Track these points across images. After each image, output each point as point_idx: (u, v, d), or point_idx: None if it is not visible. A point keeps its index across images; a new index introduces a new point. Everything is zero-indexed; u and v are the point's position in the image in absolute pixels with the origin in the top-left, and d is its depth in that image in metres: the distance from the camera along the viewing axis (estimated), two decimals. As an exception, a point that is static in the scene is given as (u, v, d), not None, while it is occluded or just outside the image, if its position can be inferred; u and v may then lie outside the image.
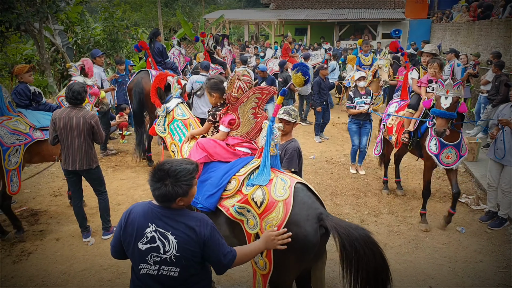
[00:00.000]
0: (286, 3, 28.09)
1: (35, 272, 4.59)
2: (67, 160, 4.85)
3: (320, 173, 7.70)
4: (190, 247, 2.32)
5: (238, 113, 3.70)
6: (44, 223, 5.71)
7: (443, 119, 4.98)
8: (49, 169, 7.66)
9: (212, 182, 3.45)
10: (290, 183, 3.12)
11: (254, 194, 3.14)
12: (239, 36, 31.98)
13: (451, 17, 17.07)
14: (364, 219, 5.92)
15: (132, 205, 2.51)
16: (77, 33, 12.37)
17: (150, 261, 2.32)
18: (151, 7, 30.91)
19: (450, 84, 4.91)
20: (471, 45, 13.26)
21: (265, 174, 3.25)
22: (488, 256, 5.01)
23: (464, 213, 6.13)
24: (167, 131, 4.45)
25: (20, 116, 5.32)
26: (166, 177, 2.28)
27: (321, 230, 2.98)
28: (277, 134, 3.31)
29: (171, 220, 2.34)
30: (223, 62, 12.18)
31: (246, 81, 3.67)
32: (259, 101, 3.66)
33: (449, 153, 5.33)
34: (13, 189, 5.06)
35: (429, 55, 6.04)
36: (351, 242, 2.79)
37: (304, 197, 3.07)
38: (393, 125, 6.44)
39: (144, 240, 2.32)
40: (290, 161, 4.16)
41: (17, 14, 8.50)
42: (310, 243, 2.94)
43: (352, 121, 7.62)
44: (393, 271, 4.62)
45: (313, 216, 2.97)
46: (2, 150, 4.90)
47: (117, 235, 2.43)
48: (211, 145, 3.72)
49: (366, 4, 26.36)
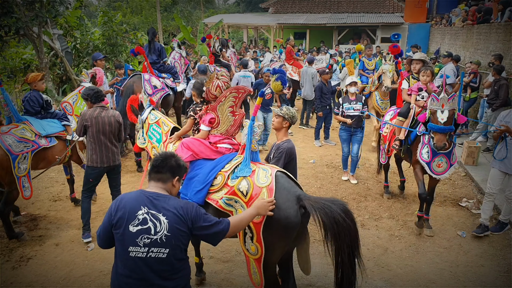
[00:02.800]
0: (285, 8, 28.15)
1: (35, 278, 4.56)
2: (100, 158, 5.10)
3: (320, 177, 7.68)
4: (180, 227, 2.51)
5: (217, 112, 4.02)
6: (43, 228, 5.69)
7: (442, 134, 4.90)
8: (48, 174, 7.67)
9: (199, 179, 3.73)
10: (271, 171, 3.48)
11: (240, 185, 3.48)
12: (238, 40, 32.01)
13: (450, 21, 17.11)
14: (364, 223, 5.91)
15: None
16: (76, 37, 12.40)
17: (140, 243, 2.45)
18: (152, 11, 30.96)
19: (444, 98, 4.82)
20: (470, 49, 13.28)
21: (247, 166, 3.60)
22: (490, 260, 4.99)
23: (465, 217, 6.11)
24: (147, 139, 4.67)
25: (26, 124, 5.48)
26: (170, 157, 2.69)
27: (301, 211, 3.29)
28: (257, 132, 3.70)
29: (162, 202, 2.55)
30: (228, 65, 12.25)
31: (224, 81, 4.09)
32: (236, 100, 3.99)
33: (440, 162, 5.27)
34: (26, 194, 5.27)
35: (419, 63, 6.03)
36: (329, 216, 3.07)
37: (284, 183, 3.41)
38: (388, 133, 6.46)
39: (135, 222, 2.47)
40: (278, 160, 4.33)
41: (16, 18, 8.51)
42: (292, 223, 3.24)
43: (343, 128, 7.40)
44: (395, 276, 4.65)
45: (292, 198, 3.29)
46: (12, 158, 5.06)
47: (106, 222, 2.57)
48: (195, 144, 4.01)
49: (365, 8, 26.43)
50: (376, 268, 4.81)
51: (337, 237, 3.07)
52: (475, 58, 12.63)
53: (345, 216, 3.08)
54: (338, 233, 3.06)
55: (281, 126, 4.50)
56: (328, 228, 3.08)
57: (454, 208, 6.44)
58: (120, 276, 2.50)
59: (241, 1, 48.63)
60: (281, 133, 4.53)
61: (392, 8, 25.94)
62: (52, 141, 5.63)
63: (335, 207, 3.09)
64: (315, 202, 3.17)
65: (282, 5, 28.35)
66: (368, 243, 5.38)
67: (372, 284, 4.51)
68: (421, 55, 6.20)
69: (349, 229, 3.08)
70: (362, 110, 7.18)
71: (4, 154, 5.01)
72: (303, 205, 3.26)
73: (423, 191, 5.50)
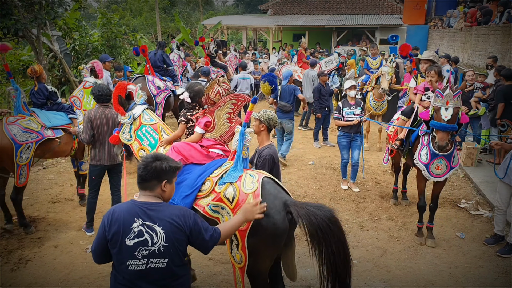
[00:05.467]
0: (284, 9, 28.17)
1: (34, 280, 4.55)
2: (104, 156, 5.26)
3: (319, 179, 7.69)
4: (178, 236, 2.47)
5: (214, 116, 3.97)
6: (42, 230, 5.68)
7: (445, 132, 4.72)
8: (47, 176, 7.67)
9: (187, 184, 3.67)
10: (258, 177, 3.41)
11: (226, 191, 3.41)
12: (237, 42, 32.05)
13: (448, 22, 17.14)
14: (363, 224, 5.91)
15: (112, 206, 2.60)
16: (75, 39, 12.39)
17: (138, 255, 2.40)
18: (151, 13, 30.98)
19: (450, 94, 4.63)
20: (468, 50, 13.32)
21: (237, 172, 3.52)
22: (488, 261, 5.00)
23: (464, 219, 6.12)
24: (134, 137, 4.50)
25: (33, 115, 5.69)
26: (152, 162, 2.53)
27: (288, 217, 3.20)
28: (248, 138, 3.60)
29: (156, 212, 2.47)
30: (224, 66, 12.24)
31: (225, 88, 4.03)
32: (235, 107, 3.94)
33: (439, 164, 5.06)
34: (20, 181, 5.40)
35: (427, 62, 5.87)
36: (314, 222, 3.00)
37: (271, 189, 3.33)
38: (393, 133, 6.31)
39: (131, 236, 2.41)
40: (262, 169, 4.18)
41: (15, 20, 8.50)
42: (279, 230, 3.16)
43: (342, 134, 7.07)
44: (394, 277, 4.65)
45: (279, 204, 3.21)
46: (15, 147, 5.26)
47: (100, 237, 2.49)
48: (186, 149, 3.95)
49: (364, 10, 26.45)
50: (375, 270, 4.81)
51: (322, 244, 3.02)
52: (474, 60, 12.68)
53: (331, 223, 3.01)
54: (324, 240, 3.00)
55: (259, 130, 4.39)
56: (313, 235, 3.02)
57: (453, 209, 6.44)
58: (120, 286, 2.48)
59: (240, 3, 48.72)
60: (261, 137, 4.43)
61: (390, 9, 25.96)
62: (58, 133, 5.79)
63: (321, 214, 3.02)
64: (301, 208, 3.09)
65: (281, 7, 28.37)
66: (367, 244, 5.38)
67: (371, 286, 4.51)
68: (430, 54, 5.99)
69: (335, 236, 3.02)
70: (361, 115, 7.00)
71: (9, 142, 5.23)
72: (290, 211, 3.17)
73: (423, 203, 5.39)
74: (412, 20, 21.65)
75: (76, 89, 6.94)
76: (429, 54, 6.00)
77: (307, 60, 13.28)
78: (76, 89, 7.12)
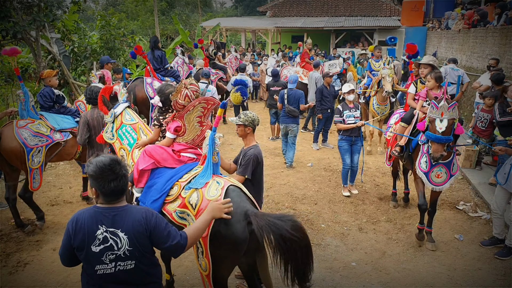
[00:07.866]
0: (283, 11, 28.19)
1: (32, 283, 4.54)
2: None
3: (318, 181, 7.69)
4: (140, 240, 2.47)
5: (184, 120, 3.92)
6: (40, 233, 5.67)
7: (439, 144, 4.69)
8: (45, 178, 7.64)
9: (156, 188, 3.68)
10: (223, 184, 3.39)
11: (190, 197, 3.41)
12: (236, 44, 32.07)
13: (446, 24, 17.16)
14: (362, 226, 5.91)
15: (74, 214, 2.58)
16: (74, 41, 12.38)
17: (106, 260, 2.43)
18: (148, 15, 30.99)
19: (444, 106, 4.59)
20: (466, 52, 13.33)
21: (205, 178, 3.50)
22: (487, 263, 5.00)
23: (462, 221, 6.12)
24: (115, 137, 4.54)
25: (42, 119, 5.83)
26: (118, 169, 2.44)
27: (249, 227, 3.15)
28: (218, 144, 3.58)
29: (119, 217, 2.47)
30: (223, 67, 12.24)
31: (193, 90, 3.90)
32: (205, 111, 3.93)
33: (439, 172, 5.04)
34: (34, 185, 5.57)
35: (427, 67, 5.73)
36: (275, 233, 2.96)
37: (234, 197, 3.28)
38: (391, 137, 6.25)
39: (97, 243, 2.43)
40: (245, 168, 4.22)
41: (14, 22, 8.49)
42: (238, 239, 3.13)
43: (343, 139, 6.93)
44: (392, 279, 4.65)
45: (240, 213, 3.16)
46: (27, 151, 5.40)
47: (66, 244, 2.50)
48: (158, 152, 3.92)
49: (362, 12, 26.49)
50: (373, 272, 4.82)
51: (285, 254, 2.98)
52: (472, 62, 12.69)
53: (294, 231, 2.96)
54: (287, 250, 2.96)
55: (245, 133, 4.37)
56: (274, 246, 2.98)
57: (451, 211, 6.45)
58: (92, 287, 2.52)
59: (238, 5, 48.76)
60: (247, 139, 4.41)
61: (389, 11, 25.99)
62: (67, 136, 5.90)
63: (282, 224, 2.98)
64: (261, 219, 3.05)
65: (279, 9, 28.39)
66: (366, 246, 5.38)
67: (370, 288, 4.52)
68: (429, 58, 5.85)
69: (301, 243, 2.98)
70: (360, 118, 6.94)
71: (19, 146, 5.36)
72: (250, 222, 3.12)
73: (423, 202, 5.31)
74: (410, 22, 21.69)
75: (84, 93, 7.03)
76: (429, 59, 5.85)
77: (310, 61, 13.24)
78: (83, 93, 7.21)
